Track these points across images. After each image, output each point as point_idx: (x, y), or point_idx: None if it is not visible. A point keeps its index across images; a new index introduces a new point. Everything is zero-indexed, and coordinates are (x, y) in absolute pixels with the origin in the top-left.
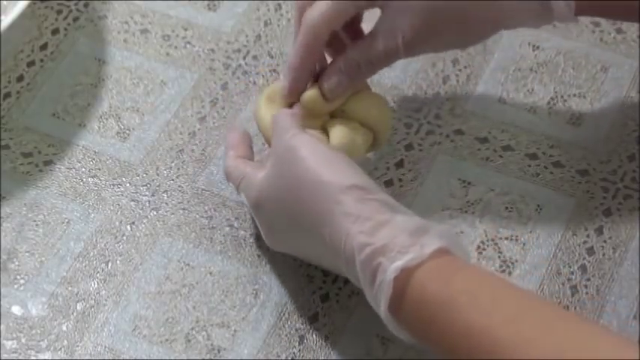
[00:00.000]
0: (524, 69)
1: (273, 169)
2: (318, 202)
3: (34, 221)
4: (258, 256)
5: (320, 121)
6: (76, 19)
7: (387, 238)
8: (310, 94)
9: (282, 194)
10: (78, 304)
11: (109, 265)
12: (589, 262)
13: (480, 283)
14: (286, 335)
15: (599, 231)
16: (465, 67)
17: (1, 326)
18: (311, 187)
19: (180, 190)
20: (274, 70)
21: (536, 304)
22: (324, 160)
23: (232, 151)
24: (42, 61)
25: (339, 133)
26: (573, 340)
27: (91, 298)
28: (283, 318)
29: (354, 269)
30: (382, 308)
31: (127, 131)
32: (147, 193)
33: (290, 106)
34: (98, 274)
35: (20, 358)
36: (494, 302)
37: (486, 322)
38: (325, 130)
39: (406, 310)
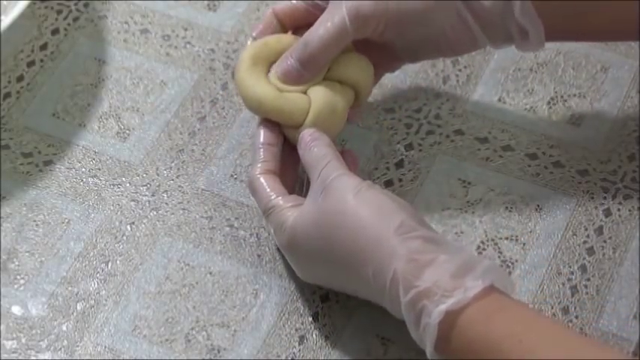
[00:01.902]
0: (524, 69)
1: (314, 207)
2: (362, 242)
3: (34, 221)
4: (258, 256)
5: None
6: (76, 19)
7: (431, 281)
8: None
9: (322, 233)
10: (78, 304)
11: (109, 265)
12: (589, 262)
13: (524, 325)
14: (286, 335)
15: (599, 231)
16: (465, 67)
17: (1, 326)
18: (355, 226)
19: (180, 190)
20: None
21: (579, 345)
22: (369, 200)
23: (257, 160)
24: (42, 61)
25: (318, 93)
26: None
27: (91, 298)
28: (283, 318)
29: (399, 308)
30: (429, 350)
31: (127, 131)
32: (147, 193)
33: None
34: (98, 274)
35: (20, 358)
36: (538, 346)
37: None
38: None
39: (452, 352)
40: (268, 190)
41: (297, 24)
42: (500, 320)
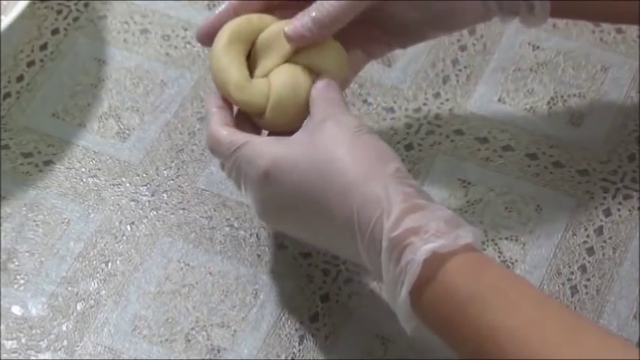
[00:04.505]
0: (524, 69)
1: (308, 138)
2: (354, 174)
3: (34, 221)
4: (258, 256)
5: (278, 63)
6: (76, 19)
7: (423, 221)
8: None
9: (312, 163)
10: (78, 304)
11: (109, 265)
12: (589, 262)
13: (509, 281)
14: (286, 335)
15: (599, 231)
16: (465, 67)
17: (1, 326)
18: (350, 159)
19: (180, 190)
20: None
21: (560, 309)
22: (368, 141)
23: (217, 117)
24: (42, 61)
25: (279, 78)
26: (597, 350)
27: (91, 298)
28: (283, 318)
29: (372, 249)
30: (404, 290)
31: (127, 131)
32: (147, 193)
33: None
34: (98, 274)
35: (20, 358)
36: (522, 302)
37: (511, 322)
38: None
39: (428, 300)
40: (236, 132)
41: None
42: (485, 274)
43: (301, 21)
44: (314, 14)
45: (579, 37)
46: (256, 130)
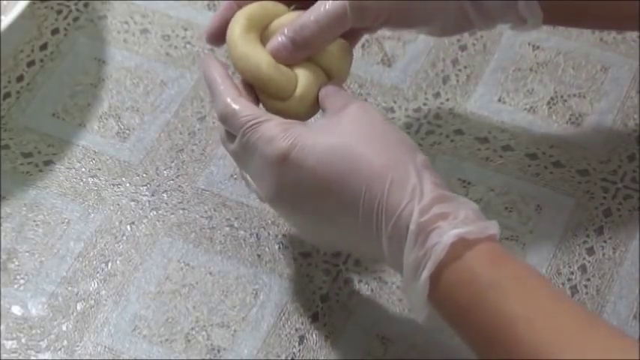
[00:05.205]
0: (524, 69)
1: (329, 125)
2: (387, 156)
3: (34, 221)
4: (258, 256)
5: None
6: (76, 19)
7: (452, 208)
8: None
9: (330, 152)
10: (78, 304)
11: (109, 265)
12: (589, 262)
13: (528, 274)
14: (286, 335)
15: (599, 231)
16: (465, 67)
17: (1, 326)
18: (375, 147)
19: (180, 190)
20: None
21: (574, 305)
22: (396, 130)
23: (225, 87)
24: (42, 61)
25: (306, 72)
26: (611, 343)
27: (91, 298)
28: (283, 318)
29: (396, 235)
30: (425, 273)
31: (127, 131)
32: (147, 193)
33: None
34: (98, 274)
35: (20, 358)
36: (540, 294)
37: (529, 313)
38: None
39: (448, 285)
40: (254, 107)
41: None
42: (508, 264)
43: (279, 41)
44: (292, 36)
45: (579, 37)
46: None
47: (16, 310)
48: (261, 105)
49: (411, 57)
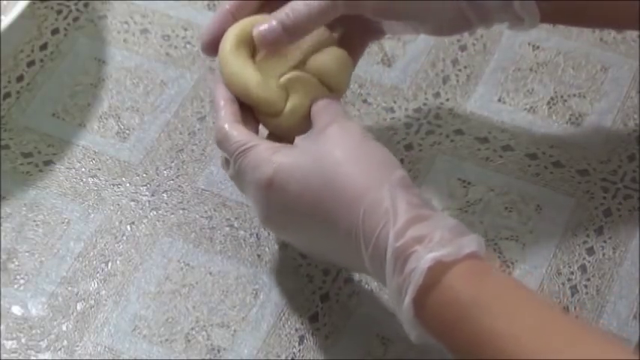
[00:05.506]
0: (524, 69)
1: (314, 145)
2: (360, 180)
3: (34, 221)
4: (258, 256)
5: (281, 71)
6: (76, 19)
7: (427, 230)
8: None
9: (319, 168)
10: (78, 304)
11: (109, 265)
12: (589, 262)
13: (511, 290)
14: (286, 335)
15: (599, 231)
16: (465, 67)
17: (1, 326)
18: (357, 164)
19: (180, 190)
20: None
21: (561, 317)
22: (374, 147)
23: (225, 112)
24: (42, 61)
25: (297, 85)
26: (597, 354)
27: (91, 298)
28: (283, 318)
29: (377, 258)
30: (407, 298)
31: (127, 131)
32: (147, 193)
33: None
34: (98, 274)
35: (20, 358)
36: (523, 310)
37: (514, 330)
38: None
39: (431, 306)
40: (245, 133)
41: None
42: (487, 282)
43: (268, 25)
44: (281, 19)
45: (579, 37)
46: (256, 125)
47: (16, 310)
48: (251, 134)
49: (411, 57)
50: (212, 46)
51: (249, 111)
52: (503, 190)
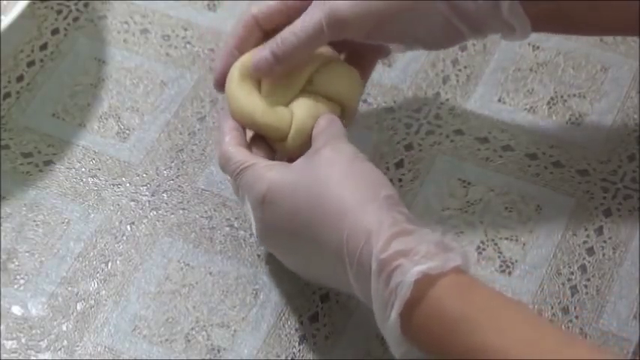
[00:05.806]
0: (524, 69)
1: (305, 164)
2: (346, 201)
3: (34, 221)
4: (258, 256)
5: (289, 95)
6: (76, 19)
7: (413, 244)
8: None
9: (307, 186)
10: (78, 304)
11: (109, 265)
12: (589, 262)
13: (499, 303)
14: (286, 335)
15: (599, 231)
16: (465, 67)
17: (1, 326)
18: (343, 185)
19: (180, 190)
20: None
21: (549, 329)
22: (363, 168)
23: (230, 137)
24: (42, 61)
25: (301, 108)
26: None
27: (91, 298)
28: (283, 318)
29: (362, 274)
30: (394, 312)
31: (127, 131)
32: (147, 193)
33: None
34: (98, 274)
35: (20, 358)
36: (512, 322)
37: (503, 343)
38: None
39: (419, 320)
40: (245, 154)
41: (276, 26)
42: (475, 296)
43: (260, 55)
44: (272, 49)
45: (579, 37)
46: (271, 152)
47: (16, 310)
48: (251, 155)
49: (411, 57)
50: (222, 84)
51: (264, 139)
52: (503, 190)
